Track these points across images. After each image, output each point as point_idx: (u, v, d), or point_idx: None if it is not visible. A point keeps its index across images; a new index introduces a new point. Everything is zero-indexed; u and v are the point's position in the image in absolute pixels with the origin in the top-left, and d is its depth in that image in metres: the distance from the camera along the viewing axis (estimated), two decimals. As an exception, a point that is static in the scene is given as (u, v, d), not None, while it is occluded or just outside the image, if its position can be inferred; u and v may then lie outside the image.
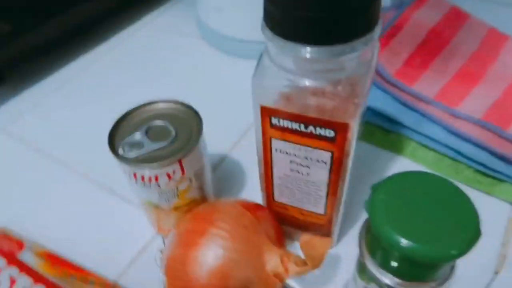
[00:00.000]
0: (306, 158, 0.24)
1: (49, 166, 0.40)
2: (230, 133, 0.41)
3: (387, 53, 0.41)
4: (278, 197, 0.29)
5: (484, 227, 0.18)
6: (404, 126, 0.38)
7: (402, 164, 0.37)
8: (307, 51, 0.19)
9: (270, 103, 0.22)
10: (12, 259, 0.30)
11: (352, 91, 0.21)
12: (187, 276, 0.24)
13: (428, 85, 0.40)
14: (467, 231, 0.18)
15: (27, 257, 0.30)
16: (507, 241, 0.31)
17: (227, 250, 0.24)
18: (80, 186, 0.38)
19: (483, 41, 0.43)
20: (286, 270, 0.24)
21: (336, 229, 0.30)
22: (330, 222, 0.29)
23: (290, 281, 0.30)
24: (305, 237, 0.26)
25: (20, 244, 0.31)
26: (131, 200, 0.36)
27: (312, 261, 0.24)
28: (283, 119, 0.22)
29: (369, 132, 0.39)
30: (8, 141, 0.42)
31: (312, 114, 0.22)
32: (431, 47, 0.41)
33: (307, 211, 0.29)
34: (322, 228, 0.30)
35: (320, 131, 0.22)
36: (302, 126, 0.22)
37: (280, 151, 0.25)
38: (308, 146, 0.23)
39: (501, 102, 0.38)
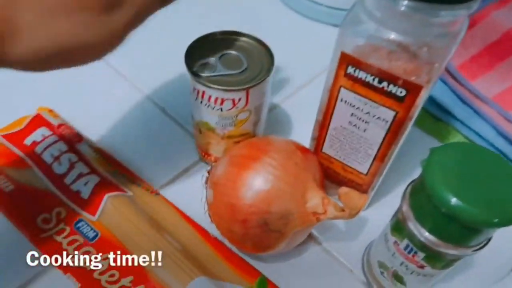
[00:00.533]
0: (368, 114, 0.26)
1: (109, 75, 0.42)
2: (287, 85, 0.42)
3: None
4: (326, 148, 0.30)
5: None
6: (454, 118, 0.39)
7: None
8: (404, 4, 0.20)
9: (351, 52, 0.23)
10: (72, 147, 0.32)
11: (434, 56, 0.22)
12: (234, 193, 0.26)
13: (488, 84, 0.40)
14: (514, 207, 0.20)
15: (84, 148, 0.33)
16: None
17: (277, 179, 0.25)
18: (136, 100, 0.40)
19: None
20: (325, 211, 0.26)
21: (371, 193, 0.31)
22: (369, 183, 0.30)
23: (315, 232, 0.32)
24: (345, 189, 0.27)
25: (79, 137, 0.34)
26: (182, 125, 0.38)
27: (350, 210, 0.26)
28: (360, 69, 0.24)
29: (420, 116, 0.40)
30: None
31: (390, 70, 0.23)
32: (503, 49, 0.41)
33: (351, 167, 0.30)
34: (359, 188, 0.31)
35: (392, 88, 0.23)
36: (376, 80, 0.23)
37: (345, 102, 0.26)
38: (375, 101, 0.25)
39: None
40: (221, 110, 0.29)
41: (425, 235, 0.22)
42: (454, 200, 0.20)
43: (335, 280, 0.30)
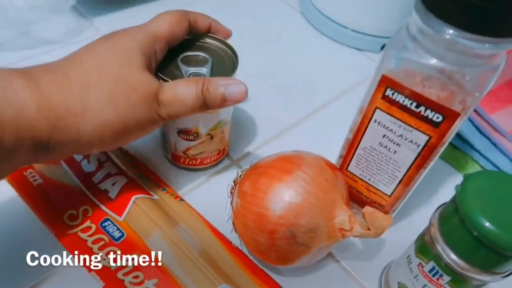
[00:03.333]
0: (401, 136, 0.26)
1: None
2: (309, 103, 0.43)
3: (477, 77, 0.42)
4: (352, 167, 0.31)
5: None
6: (472, 148, 0.40)
7: (460, 180, 0.39)
8: (449, 32, 0.21)
9: (392, 74, 0.24)
10: (101, 147, 0.33)
11: (475, 85, 0.22)
12: (264, 204, 0.26)
13: (507, 118, 0.41)
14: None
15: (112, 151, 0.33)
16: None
17: (308, 193, 0.26)
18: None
19: None
20: (351, 229, 0.26)
21: (391, 215, 0.32)
22: (391, 205, 0.31)
23: (333, 249, 0.32)
24: (369, 208, 0.28)
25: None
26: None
27: (375, 230, 0.26)
28: (399, 93, 0.24)
29: (438, 143, 0.41)
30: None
31: (429, 95, 0.23)
32: (521, 85, 0.42)
33: (375, 188, 0.30)
34: (381, 209, 0.31)
35: (429, 113, 0.24)
36: (414, 104, 0.24)
37: (379, 123, 0.27)
38: (410, 125, 0.25)
39: None
40: None
41: (453, 258, 0.23)
42: (487, 224, 0.20)
43: (352, 298, 0.31)
